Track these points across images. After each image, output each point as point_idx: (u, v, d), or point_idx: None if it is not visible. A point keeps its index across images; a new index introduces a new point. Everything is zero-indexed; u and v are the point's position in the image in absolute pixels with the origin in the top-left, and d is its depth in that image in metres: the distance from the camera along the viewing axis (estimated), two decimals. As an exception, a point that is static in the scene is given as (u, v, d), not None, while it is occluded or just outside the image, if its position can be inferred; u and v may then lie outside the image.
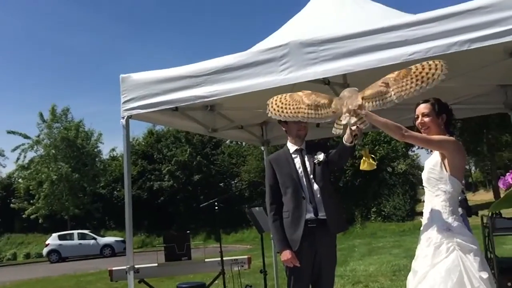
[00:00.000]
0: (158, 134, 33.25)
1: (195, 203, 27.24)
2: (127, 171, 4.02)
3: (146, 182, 30.74)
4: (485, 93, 5.15)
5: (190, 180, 30.01)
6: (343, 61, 3.18)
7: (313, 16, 4.37)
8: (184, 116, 4.73)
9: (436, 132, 2.92)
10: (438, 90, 4.19)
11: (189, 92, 3.71)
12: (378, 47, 3.09)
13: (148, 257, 8.65)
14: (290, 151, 3.72)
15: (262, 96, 4.55)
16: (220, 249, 5.24)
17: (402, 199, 23.35)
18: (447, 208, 2.80)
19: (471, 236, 2.81)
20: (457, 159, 2.84)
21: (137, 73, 3.98)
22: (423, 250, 2.84)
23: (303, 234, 3.47)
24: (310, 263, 3.54)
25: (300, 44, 3.32)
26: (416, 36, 3.00)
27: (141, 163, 31.44)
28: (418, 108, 3.03)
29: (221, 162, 30.84)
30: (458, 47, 2.91)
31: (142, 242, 28.49)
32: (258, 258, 6.31)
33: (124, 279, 4.49)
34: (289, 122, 3.68)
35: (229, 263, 5.53)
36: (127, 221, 3.92)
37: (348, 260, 11.18)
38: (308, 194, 3.54)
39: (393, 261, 10.18)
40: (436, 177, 2.87)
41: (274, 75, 3.39)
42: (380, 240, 16.89)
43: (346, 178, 24.21)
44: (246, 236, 25.87)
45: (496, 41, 2.86)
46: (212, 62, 3.67)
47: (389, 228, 21.45)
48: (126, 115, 3.93)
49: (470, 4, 2.93)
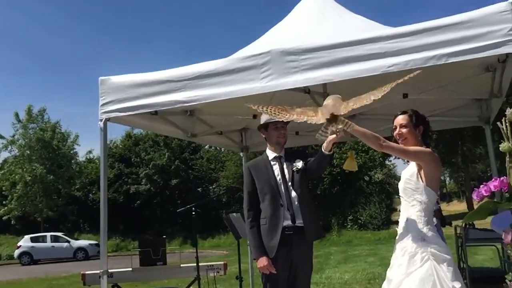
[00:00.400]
0: (136, 137, 32.94)
1: (172, 207, 27.01)
2: (104, 174, 3.97)
3: (123, 186, 30.38)
4: (460, 106, 5.27)
5: (168, 184, 29.77)
6: (324, 70, 3.22)
7: (295, 25, 4.41)
8: (163, 120, 4.70)
9: (413, 143, 2.97)
10: (415, 102, 4.30)
11: (169, 97, 3.69)
12: (358, 58, 3.13)
13: (122, 261, 8.52)
14: (269, 158, 3.73)
15: (242, 102, 4.56)
16: (196, 254, 5.20)
17: (378, 208, 23.60)
18: (422, 218, 2.85)
19: (445, 246, 2.86)
20: (433, 170, 2.89)
21: (116, 76, 3.95)
22: (398, 259, 2.88)
23: (280, 241, 3.47)
24: (286, 270, 3.54)
25: (281, 52, 3.34)
26: (396, 48, 3.06)
27: (118, 166, 31.07)
28: (396, 119, 3.08)
29: (200, 167, 30.70)
30: (436, 60, 2.98)
31: (117, 246, 28.08)
32: (234, 264, 6.29)
33: (97, 283, 4.42)
34: (269, 129, 3.69)
35: (205, 269, 5.50)
36: (102, 224, 3.87)
37: (324, 267, 11.24)
38: (286, 201, 3.55)
39: (368, 269, 10.27)
40: (412, 188, 2.91)
41: (254, 82, 3.40)
42: (356, 248, 17.01)
43: (323, 186, 24.36)
44: (223, 242, 25.75)
45: (472, 56, 2.94)
46: (193, 67, 3.67)
47: (365, 236, 21.63)
48: (104, 117, 3.89)
49: (449, 19, 3.00)
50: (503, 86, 4.06)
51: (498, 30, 2.86)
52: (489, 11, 2.92)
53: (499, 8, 2.89)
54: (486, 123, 5.31)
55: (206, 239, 26.62)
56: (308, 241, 3.62)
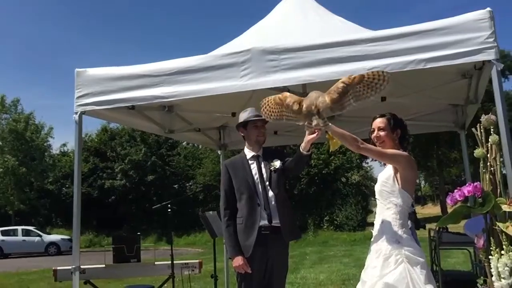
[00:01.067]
0: (113, 132, 32.53)
1: (148, 203, 26.76)
2: (78, 167, 3.89)
3: (97, 180, 29.97)
4: (437, 111, 5.35)
5: (144, 180, 29.50)
6: (304, 71, 3.21)
7: (276, 24, 4.40)
8: (140, 115, 4.63)
9: (391, 146, 2.99)
10: (393, 105, 4.34)
11: (147, 92, 3.63)
12: (339, 60, 3.14)
13: (95, 257, 8.39)
14: (247, 157, 3.71)
15: (221, 100, 4.54)
16: (171, 252, 5.15)
17: (354, 209, 23.81)
18: (397, 221, 2.87)
19: (419, 249, 2.88)
20: (409, 174, 2.92)
21: (93, 68, 3.87)
22: (372, 261, 2.90)
23: (256, 240, 3.46)
24: (261, 270, 3.53)
25: (262, 51, 3.33)
26: (376, 51, 3.07)
27: (93, 160, 30.65)
28: (374, 122, 3.09)
29: (177, 163, 30.50)
30: (414, 65, 3.00)
31: (90, 242, 27.69)
32: (210, 263, 6.26)
33: (69, 279, 4.33)
34: (249, 128, 3.67)
35: (180, 267, 5.45)
36: (75, 219, 3.79)
37: (299, 267, 11.28)
38: (263, 201, 3.54)
39: (343, 270, 10.35)
40: (388, 190, 2.93)
41: (234, 80, 3.38)
42: (331, 249, 17.13)
43: (301, 186, 24.46)
44: (198, 240, 25.64)
45: (450, 62, 2.98)
46: (172, 62, 3.62)
47: (340, 237, 21.81)
48: (80, 110, 3.81)
49: (428, 25, 3.03)
50: (479, 92, 4.13)
51: (475, 38, 2.90)
52: (468, 19, 2.95)
53: (478, 16, 2.93)
54: (462, 129, 5.40)
55: (181, 237, 26.47)
56: (284, 241, 3.61)
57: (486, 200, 2.56)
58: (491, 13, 2.91)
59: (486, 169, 2.69)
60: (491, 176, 2.66)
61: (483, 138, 2.76)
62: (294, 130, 5.87)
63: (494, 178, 2.66)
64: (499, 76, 2.87)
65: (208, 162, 27.57)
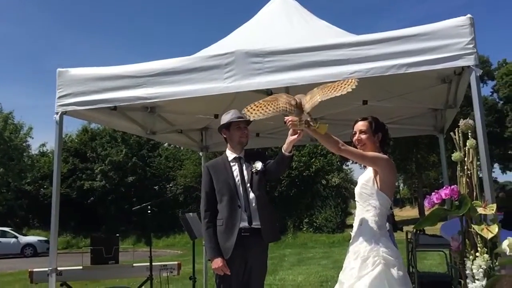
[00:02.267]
0: (93, 132, 32.10)
1: (127, 205, 26.48)
2: (57, 168, 3.84)
3: (77, 181, 29.53)
4: (417, 115, 5.44)
5: (124, 181, 29.18)
6: (287, 74, 3.24)
7: (260, 27, 4.42)
8: (122, 116, 4.61)
9: (371, 149, 3.03)
10: (374, 109, 4.40)
11: (129, 92, 3.61)
12: (322, 63, 3.17)
13: (72, 259, 8.30)
14: (229, 159, 3.71)
15: (204, 101, 4.55)
16: (150, 253, 5.12)
17: (334, 212, 23.97)
18: (376, 223, 2.91)
19: (396, 251, 2.93)
20: (389, 177, 2.96)
21: (75, 68, 3.83)
22: (350, 262, 2.93)
23: (236, 242, 3.46)
24: (240, 272, 3.54)
25: (246, 53, 3.34)
26: (358, 56, 3.11)
27: (72, 161, 30.19)
28: (356, 125, 3.13)
29: (158, 165, 30.26)
30: (396, 70, 3.05)
31: (67, 243, 27.27)
32: (188, 264, 6.24)
33: (45, 281, 4.27)
34: (232, 129, 3.67)
35: (158, 269, 5.42)
36: (52, 220, 3.75)
37: (278, 269, 11.31)
38: (244, 203, 3.55)
39: (321, 272, 10.41)
40: (368, 193, 2.97)
41: (217, 82, 3.38)
42: (310, 251, 17.22)
43: (281, 188, 24.52)
44: (178, 241, 25.49)
45: (430, 67, 3.03)
46: (156, 63, 3.61)
47: (319, 239, 21.93)
48: (61, 110, 3.77)
49: (410, 30, 3.09)
50: (458, 97, 4.21)
51: (456, 44, 2.96)
52: (449, 25, 3.02)
53: (458, 22, 3.00)
54: (440, 133, 5.50)
55: (160, 238, 26.27)
56: (264, 242, 3.62)
57: (462, 203, 2.61)
58: (472, 20, 2.98)
59: (463, 173, 2.75)
60: (467, 180, 2.72)
61: (460, 142, 2.82)
62: (276, 133, 5.91)
63: (471, 181, 2.72)
64: (478, 82, 2.94)
65: (189, 164, 27.43)
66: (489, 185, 2.76)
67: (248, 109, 2.92)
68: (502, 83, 39.65)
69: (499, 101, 40.83)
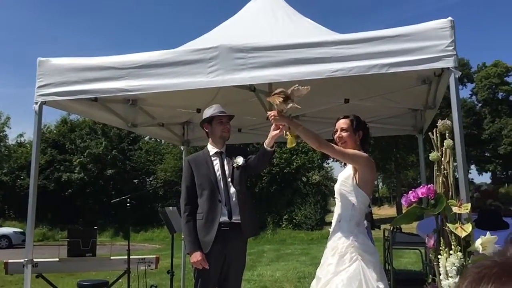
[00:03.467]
0: (73, 124, 31.63)
1: (106, 198, 26.18)
2: (35, 159, 3.78)
3: (54, 173, 29.07)
4: (397, 115, 5.51)
5: (103, 174, 28.86)
6: (270, 70, 3.24)
7: (245, 22, 4.42)
8: (103, 108, 4.56)
9: (352, 147, 3.07)
10: (356, 107, 4.45)
11: (111, 84, 3.57)
12: (305, 61, 3.18)
13: (48, 251, 8.18)
14: (210, 153, 3.72)
15: (187, 95, 4.53)
16: (128, 246, 5.10)
17: (313, 209, 24.11)
18: (354, 220, 2.95)
19: (373, 248, 2.98)
20: (368, 174, 3.00)
21: (56, 58, 3.77)
22: (328, 258, 2.97)
23: (216, 237, 3.48)
24: (219, 266, 3.55)
25: (230, 48, 3.34)
26: (341, 54, 3.14)
27: (50, 152, 29.70)
28: (338, 122, 3.17)
29: (138, 158, 29.99)
30: (377, 69, 3.08)
31: (43, 236, 26.84)
32: (166, 259, 6.21)
33: (20, 272, 4.22)
34: (214, 123, 3.68)
35: (136, 262, 5.39)
36: (29, 212, 3.69)
37: (256, 265, 11.35)
38: (224, 197, 3.57)
39: (299, 268, 10.49)
40: (347, 190, 3.01)
41: (200, 76, 3.37)
42: (289, 247, 17.30)
43: (262, 185, 24.56)
44: (156, 236, 25.35)
45: (411, 68, 3.07)
46: (138, 55, 3.57)
47: (298, 236, 22.06)
48: (40, 100, 3.71)
49: (392, 31, 3.12)
50: (437, 98, 4.28)
51: (436, 45, 3.01)
52: (430, 27, 3.06)
53: (439, 25, 3.04)
54: (419, 133, 5.58)
55: (139, 232, 26.08)
56: (243, 237, 3.65)
57: (438, 202, 2.67)
58: (452, 23, 3.03)
59: (440, 172, 2.80)
60: (444, 179, 2.78)
61: (438, 142, 2.88)
62: (258, 128, 5.92)
63: (447, 181, 2.78)
64: (457, 84, 2.99)
65: (170, 158, 27.26)
66: (464, 185, 2.82)
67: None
68: (481, 86, 40.44)
69: (478, 104, 41.63)
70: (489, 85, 40.20)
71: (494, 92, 40.71)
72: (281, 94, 2.87)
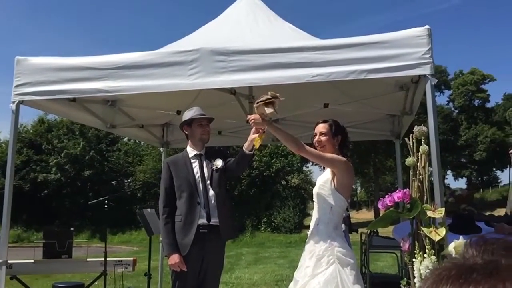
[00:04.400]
0: (50, 124, 31.09)
1: (83, 199, 25.83)
2: (12, 159, 3.73)
3: (30, 173, 28.52)
4: (376, 120, 5.59)
5: (80, 175, 28.43)
6: (251, 73, 3.26)
7: (226, 25, 4.44)
8: (82, 108, 4.51)
9: (331, 151, 3.10)
10: (335, 112, 4.50)
11: (90, 84, 3.54)
12: (285, 65, 3.21)
13: (23, 253, 8.03)
14: (189, 156, 3.72)
15: (167, 97, 4.52)
16: (105, 248, 5.04)
17: (292, 212, 24.19)
18: (332, 223, 2.99)
19: (350, 251, 3.02)
20: (346, 179, 3.05)
21: (35, 57, 3.72)
22: (306, 260, 3.00)
23: (194, 239, 3.47)
24: (197, 268, 3.55)
25: (211, 51, 3.35)
26: (321, 59, 3.17)
27: (26, 152, 29.14)
28: (317, 127, 3.21)
29: (116, 159, 29.65)
30: (356, 75, 3.13)
31: (18, 237, 26.32)
32: (144, 261, 6.17)
33: (-7, 274, 4.13)
34: (194, 126, 3.69)
35: (113, 264, 5.34)
36: (4, 213, 3.64)
37: (234, 268, 11.33)
38: (203, 200, 3.57)
39: (277, 271, 10.51)
40: (325, 193, 3.05)
41: (181, 79, 3.37)
42: (267, 250, 17.32)
43: (241, 187, 24.55)
44: (133, 238, 25.08)
45: (389, 74, 3.13)
46: (118, 56, 3.55)
47: (277, 239, 22.09)
48: (18, 100, 3.65)
49: (371, 38, 3.18)
50: (414, 104, 4.37)
51: (414, 53, 3.07)
52: (408, 34, 3.13)
53: (417, 33, 3.11)
54: (397, 138, 5.68)
55: (116, 234, 25.77)
56: (221, 239, 3.65)
57: (413, 206, 2.72)
58: (429, 31, 3.10)
59: (415, 177, 2.86)
60: (419, 184, 2.84)
61: (414, 148, 2.94)
62: (238, 131, 5.94)
63: (422, 186, 2.84)
64: (433, 90, 3.06)
65: (149, 160, 27.03)
66: (439, 190, 2.89)
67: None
68: (458, 93, 41.20)
69: (454, 110, 42.38)
70: (465, 92, 41.00)
71: (470, 99, 41.53)
72: (266, 100, 2.91)
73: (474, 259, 0.59)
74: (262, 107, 2.93)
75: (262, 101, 2.92)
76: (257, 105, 2.96)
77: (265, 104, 2.90)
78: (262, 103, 2.91)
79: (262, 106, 2.92)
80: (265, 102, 2.90)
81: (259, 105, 2.93)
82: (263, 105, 2.91)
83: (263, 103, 2.91)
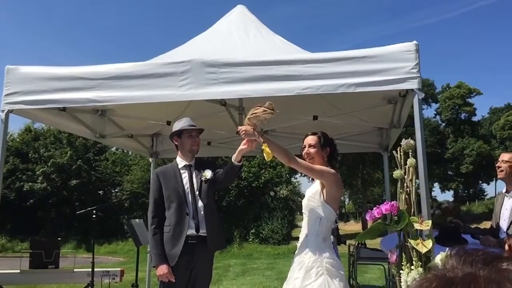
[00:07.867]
0: (37, 132, 30.80)
1: (69, 209, 25.58)
2: (0, 168, 3.71)
3: (16, 182, 28.16)
4: (364, 133, 5.65)
5: (67, 184, 28.14)
6: (241, 85, 3.29)
7: (218, 37, 4.47)
8: (71, 118, 4.50)
9: (320, 163, 3.14)
10: (324, 124, 4.55)
11: (81, 94, 3.53)
12: (275, 78, 3.25)
13: (8, 263, 7.94)
14: (179, 166, 3.73)
15: (157, 108, 4.54)
16: (92, 259, 5.00)
17: (280, 223, 24.14)
18: (321, 235, 3.01)
19: (339, 262, 3.04)
20: (334, 190, 3.08)
21: (25, 66, 3.71)
22: (295, 272, 3.02)
23: (182, 250, 3.47)
24: (185, 279, 3.54)
25: (202, 63, 3.37)
26: (310, 73, 3.21)
27: (12, 161, 28.77)
28: (306, 139, 3.24)
29: (104, 169, 29.41)
30: (345, 88, 3.18)
31: (2, 247, 25.93)
32: (131, 272, 6.12)
33: (-22, 285, 4.09)
34: (183, 137, 3.70)
35: (100, 275, 5.30)
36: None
37: (222, 279, 11.27)
38: (192, 210, 3.57)
39: (264, 283, 10.47)
40: (314, 205, 3.07)
41: (172, 90, 3.39)
42: (255, 262, 17.25)
43: (229, 198, 24.49)
44: (120, 248, 24.81)
45: (377, 88, 3.18)
46: (110, 66, 3.56)
47: (265, 250, 22.02)
48: (7, 108, 3.63)
49: (360, 52, 3.23)
50: (402, 118, 4.43)
51: (402, 67, 3.13)
52: (396, 49, 3.19)
53: (405, 48, 3.17)
54: (385, 150, 5.73)
55: (102, 245, 25.47)
56: (210, 250, 3.65)
57: (400, 218, 2.76)
58: (417, 46, 3.16)
59: (403, 190, 2.90)
60: (406, 196, 2.88)
61: (402, 161, 2.98)
62: (228, 142, 5.95)
63: (409, 198, 2.88)
64: (420, 104, 3.11)
65: (137, 170, 26.86)
66: (426, 202, 2.92)
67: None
68: (445, 106, 41.74)
69: (442, 123, 42.88)
70: (452, 106, 41.55)
71: (457, 113, 42.09)
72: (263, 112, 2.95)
73: (454, 271, 0.62)
74: (254, 119, 2.96)
75: (257, 113, 2.95)
76: (251, 116, 2.99)
77: (262, 112, 2.94)
78: (256, 114, 2.95)
79: (254, 117, 2.95)
80: (262, 112, 2.94)
81: (252, 117, 2.96)
82: (255, 116, 2.95)
83: (260, 113, 2.94)
